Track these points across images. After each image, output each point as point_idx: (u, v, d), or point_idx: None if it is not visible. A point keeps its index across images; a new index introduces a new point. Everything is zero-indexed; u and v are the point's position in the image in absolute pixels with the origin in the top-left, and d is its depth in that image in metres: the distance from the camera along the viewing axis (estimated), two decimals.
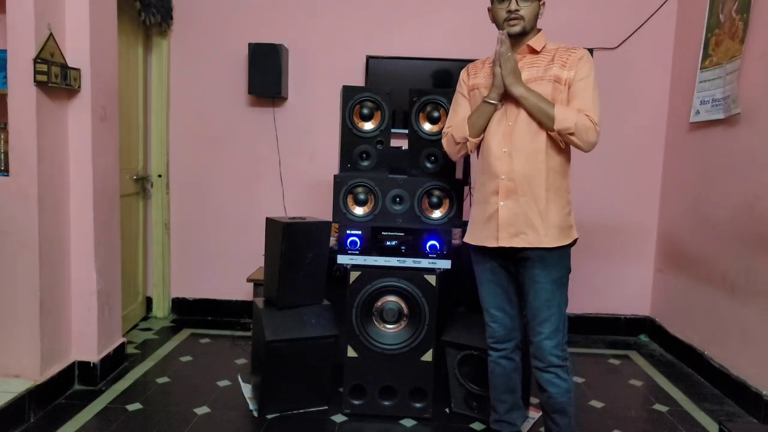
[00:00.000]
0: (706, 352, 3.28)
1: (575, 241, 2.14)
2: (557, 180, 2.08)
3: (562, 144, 2.06)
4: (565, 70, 2.04)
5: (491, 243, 2.12)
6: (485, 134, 2.14)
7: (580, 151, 2.06)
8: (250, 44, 3.70)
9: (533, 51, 2.09)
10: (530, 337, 2.13)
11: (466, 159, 3.66)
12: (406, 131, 2.67)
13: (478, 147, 2.20)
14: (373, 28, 3.87)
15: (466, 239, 2.24)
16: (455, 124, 2.22)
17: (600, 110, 2.04)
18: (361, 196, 2.63)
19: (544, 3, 2.11)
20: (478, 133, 2.14)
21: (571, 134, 2.00)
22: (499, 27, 2.08)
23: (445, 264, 2.66)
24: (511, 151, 2.07)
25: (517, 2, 2.02)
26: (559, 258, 2.08)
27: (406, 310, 2.66)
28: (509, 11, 2.03)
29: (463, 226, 2.69)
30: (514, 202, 2.07)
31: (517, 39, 2.08)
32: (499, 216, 2.08)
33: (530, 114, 2.03)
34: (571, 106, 2.04)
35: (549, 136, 2.05)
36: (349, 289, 2.64)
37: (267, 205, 3.93)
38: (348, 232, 2.67)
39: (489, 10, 2.11)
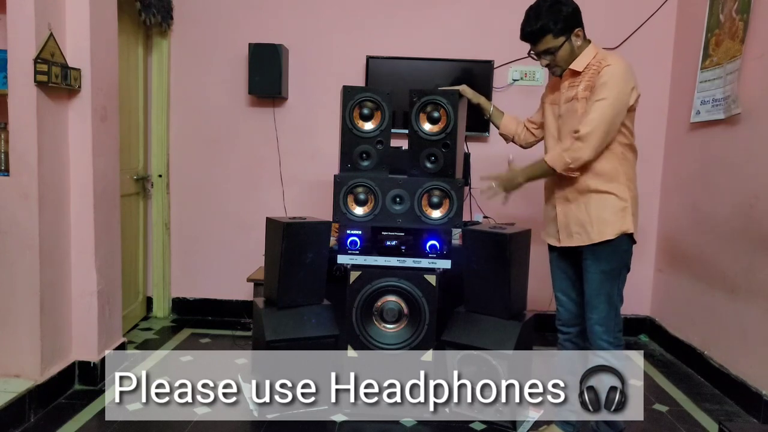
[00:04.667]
0: (706, 352, 3.28)
1: (632, 238, 2.26)
2: (601, 183, 2.23)
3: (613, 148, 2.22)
4: (590, 87, 2.19)
5: (555, 242, 2.38)
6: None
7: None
8: (250, 44, 3.70)
9: (575, 73, 2.25)
10: (585, 323, 2.29)
11: (466, 159, 3.67)
12: (406, 131, 2.67)
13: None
14: (373, 28, 3.87)
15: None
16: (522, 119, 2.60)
17: (603, 120, 2.13)
18: (362, 196, 2.63)
19: (576, 32, 2.21)
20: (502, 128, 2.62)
21: (571, 167, 2.18)
22: None
23: (445, 264, 2.66)
24: None
25: (544, 58, 2.24)
26: (611, 251, 2.23)
27: (406, 310, 2.66)
28: (546, 66, 2.27)
29: (463, 226, 2.70)
30: (566, 206, 2.30)
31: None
32: (558, 220, 2.33)
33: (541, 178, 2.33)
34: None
35: None
36: (349, 289, 2.64)
37: (267, 205, 3.92)
38: (348, 232, 2.68)
39: None
